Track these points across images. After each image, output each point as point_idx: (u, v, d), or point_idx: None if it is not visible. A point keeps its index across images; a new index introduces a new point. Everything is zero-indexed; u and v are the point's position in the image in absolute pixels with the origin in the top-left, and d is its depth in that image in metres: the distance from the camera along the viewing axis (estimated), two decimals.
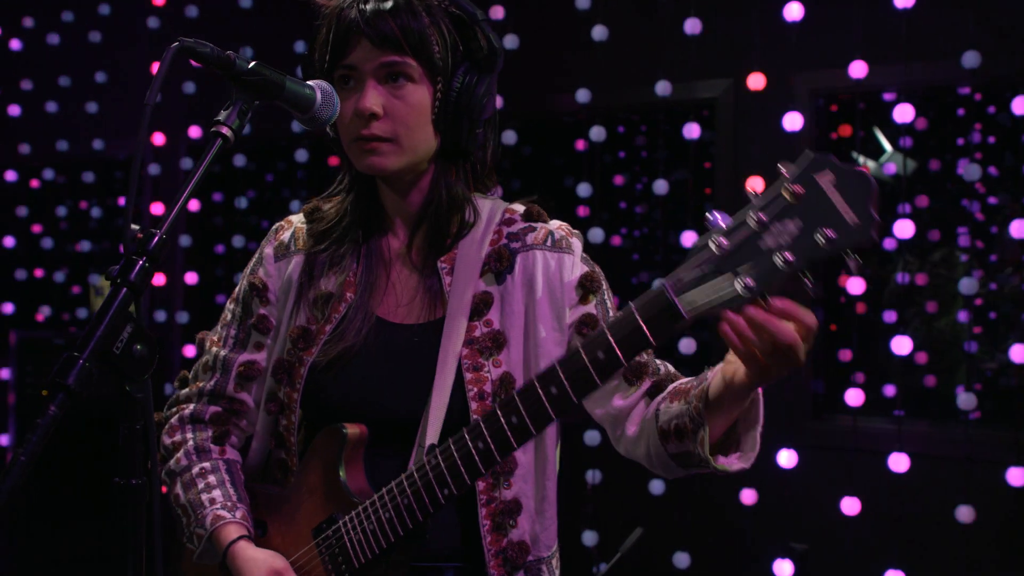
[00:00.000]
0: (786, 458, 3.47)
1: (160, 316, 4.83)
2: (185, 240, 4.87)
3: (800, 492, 3.63)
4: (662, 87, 3.74)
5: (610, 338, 1.24)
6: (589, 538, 3.82)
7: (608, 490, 3.87)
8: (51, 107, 5.07)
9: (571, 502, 3.98)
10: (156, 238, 1.10)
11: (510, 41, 4.01)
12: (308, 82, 1.36)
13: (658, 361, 1.56)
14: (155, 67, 1.13)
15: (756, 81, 3.63)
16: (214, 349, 1.66)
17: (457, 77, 1.50)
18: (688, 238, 3.67)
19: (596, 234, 3.81)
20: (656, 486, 3.74)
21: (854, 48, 3.46)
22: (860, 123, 3.76)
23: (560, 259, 1.56)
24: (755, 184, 1.21)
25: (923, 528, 3.47)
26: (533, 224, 1.60)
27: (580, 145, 3.95)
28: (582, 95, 3.91)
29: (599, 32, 3.82)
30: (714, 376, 1.33)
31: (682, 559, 3.64)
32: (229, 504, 1.55)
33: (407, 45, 1.46)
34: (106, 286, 5.39)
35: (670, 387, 1.47)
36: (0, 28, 5.25)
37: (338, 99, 1.39)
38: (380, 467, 1.52)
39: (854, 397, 3.42)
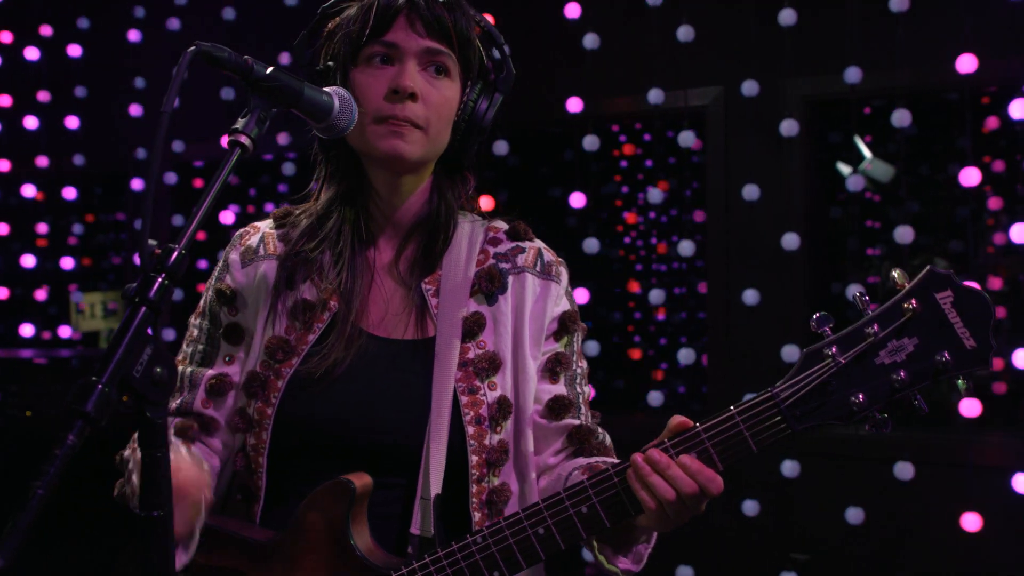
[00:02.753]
0: (789, 468, 3.43)
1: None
2: None
3: (802, 502, 3.59)
4: (655, 95, 3.71)
5: (707, 443, 1.22)
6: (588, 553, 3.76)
7: None
8: (30, 123, 4.98)
9: None
10: (175, 254, 1.04)
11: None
12: (325, 89, 1.31)
13: (601, 430, 1.52)
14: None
15: (749, 88, 3.60)
16: (179, 368, 1.50)
17: (475, 90, 1.49)
18: (686, 247, 3.63)
19: (591, 244, 3.77)
20: None
21: (847, 54, 3.45)
22: (854, 129, 3.74)
23: (548, 287, 1.52)
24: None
25: (927, 537, 3.44)
26: (520, 244, 1.55)
27: (569, 154, 3.92)
28: (573, 104, 3.87)
29: (590, 40, 3.78)
30: None
31: (685, 573, 3.59)
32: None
33: (455, 38, 1.44)
34: (94, 303, 5.33)
35: (591, 460, 1.44)
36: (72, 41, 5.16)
37: (356, 107, 1.33)
38: (378, 499, 1.41)
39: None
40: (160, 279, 1.02)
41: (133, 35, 4.70)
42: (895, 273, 1.16)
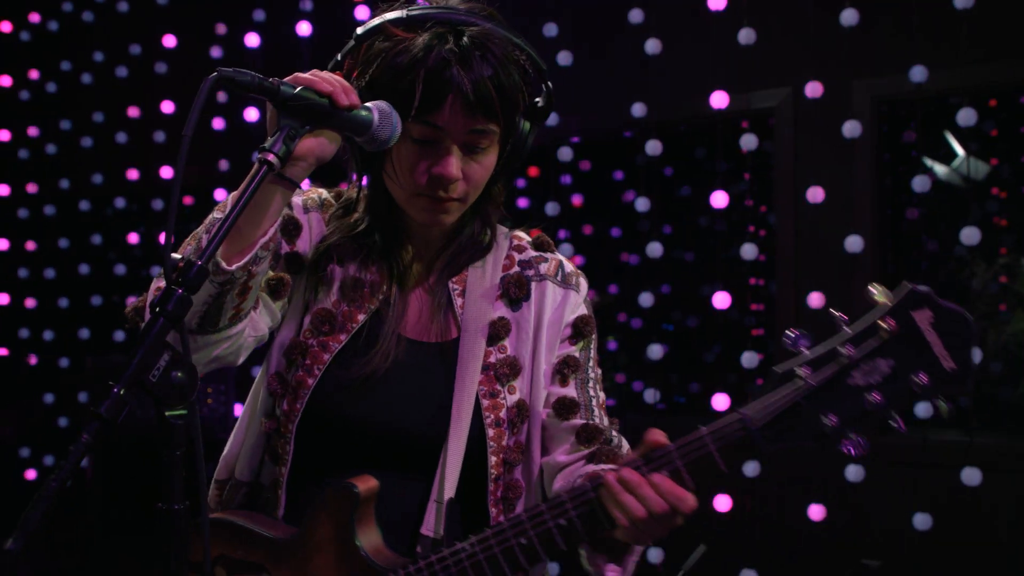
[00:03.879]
0: (854, 472, 3.39)
1: None
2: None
3: (869, 508, 3.55)
4: (718, 99, 3.71)
5: (678, 462, 1.23)
6: (654, 555, 3.78)
7: None
8: (121, 138, 5.21)
9: None
10: (195, 268, 1.12)
11: (564, 58, 4.02)
12: (365, 104, 1.34)
13: (616, 434, 1.54)
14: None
15: (814, 89, 3.57)
16: None
17: (519, 128, 1.49)
18: (748, 251, 3.61)
19: (654, 248, 3.79)
20: (721, 502, 3.68)
21: (914, 52, 3.39)
22: (925, 128, 3.68)
23: (567, 295, 1.57)
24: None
25: (997, 544, 3.36)
26: (544, 255, 1.60)
27: (641, 159, 3.94)
28: (638, 109, 3.90)
29: (652, 46, 3.80)
30: None
31: None
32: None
33: (501, 113, 1.42)
34: None
35: (596, 468, 1.46)
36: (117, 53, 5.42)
37: (398, 118, 1.35)
38: (398, 494, 1.48)
39: (924, 409, 3.33)
40: (179, 292, 1.10)
41: (215, 52, 4.89)
42: (874, 289, 1.13)
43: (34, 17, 5.63)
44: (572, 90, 4.11)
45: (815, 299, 3.53)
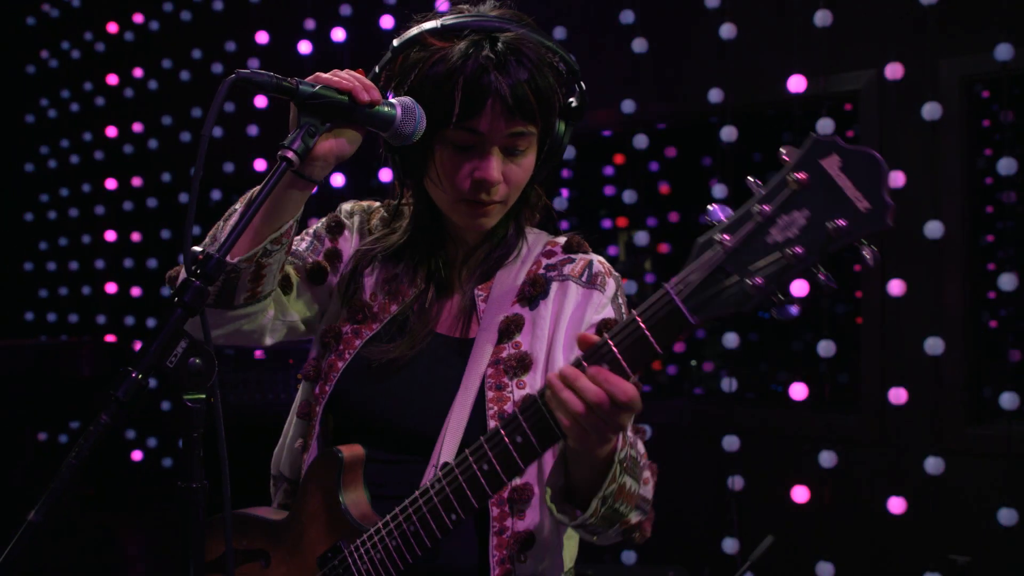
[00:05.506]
0: (933, 465, 3.30)
1: None
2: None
3: (952, 501, 3.45)
4: (795, 82, 3.64)
5: (613, 348, 1.20)
6: (730, 545, 3.75)
7: (749, 497, 3.79)
8: (217, 132, 5.41)
9: (712, 509, 3.92)
10: (212, 260, 1.18)
11: (639, 45, 4.00)
12: (390, 100, 1.38)
13: (633, 436, 1.48)
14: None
15: (895, 71, 3.47)
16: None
17: (557, 129, 1.52)
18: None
19: None
20: (799, 493, 3.63)
21: (998, 29, 3.27)
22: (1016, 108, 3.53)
23: (590, 295, 1.56)
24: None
25: None
26: (572, 256, 1.61)
27: (725, 144, 3.89)
28: (714, 95, 3.85)
29: (727, 30, 3.75)
30: None
31: (826, 569, 3.51)
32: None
33: (539, 115, 1.45)
34: None
35: None
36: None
37: (421, 112, 1.39)
38: (390, 474, 1.51)
39: (1009, 401, 3.22)
40: (196, 283, 1.16)
41: (304, 47, 5.02)
42: (784, 149, 1.11)
43: (138, 18, 5.89)
44: (645, 77, 4.09)
45: (895, 287, 3.44)
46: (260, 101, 5.25)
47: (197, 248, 1.22)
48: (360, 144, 1.43)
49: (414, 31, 1.48)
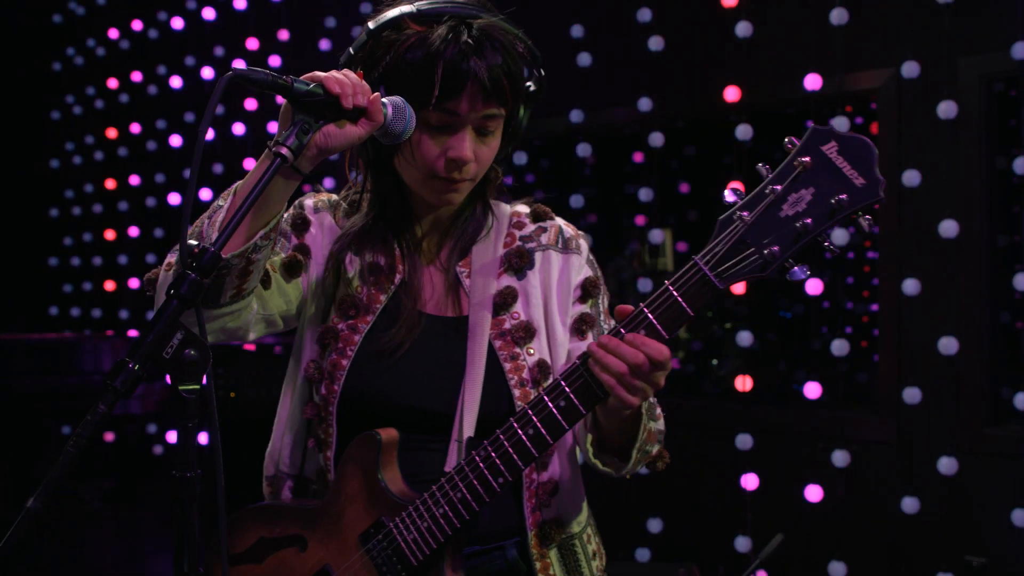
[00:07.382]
0: (948, 465, 3.29)
1: None
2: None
3: (967, 502, 3.43)
4: (812, 81, 3.62)
5: (649, 315, 1.35)
6: (742, 544, 3.75)
7: (763, 495, 3.78)
8: (238, 129, 5.46)
9: (725, 507, 3.92)
10: (208, 254, 1.20)
11: (656, 43, 4.00)
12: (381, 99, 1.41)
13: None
14: None
15: (916, 69, 3.45)
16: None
17: (519, 113, 1.59)
18: (839, 236, 3.53)
19: None
20: (812, 492, 3.62)
21: (1016, 27, 3.24)
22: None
23: (568, 259, 1.68)
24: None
25: None
26: (543, 225, 1.70)
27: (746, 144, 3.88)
28: (731, 93, 3.85)
29: (744, 29, 3.75)
30: None
31: (838, 569, 3.50)
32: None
33: (511, 99, 1.52)
34: None
35: None
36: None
37: (411, 111, 1.44)
38: (417, 460, 1.57)
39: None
40: (192, 276, 1.19)
41: (324, 44, 5.06)
42: (787, 138, 1.29)
43: (161, 15, 5.95)
44: (661, 75, 4.09)
45: (910, 286, 3.42)
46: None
47: (192, 242, 1.24)
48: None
49: (391, 14, 1.52)
